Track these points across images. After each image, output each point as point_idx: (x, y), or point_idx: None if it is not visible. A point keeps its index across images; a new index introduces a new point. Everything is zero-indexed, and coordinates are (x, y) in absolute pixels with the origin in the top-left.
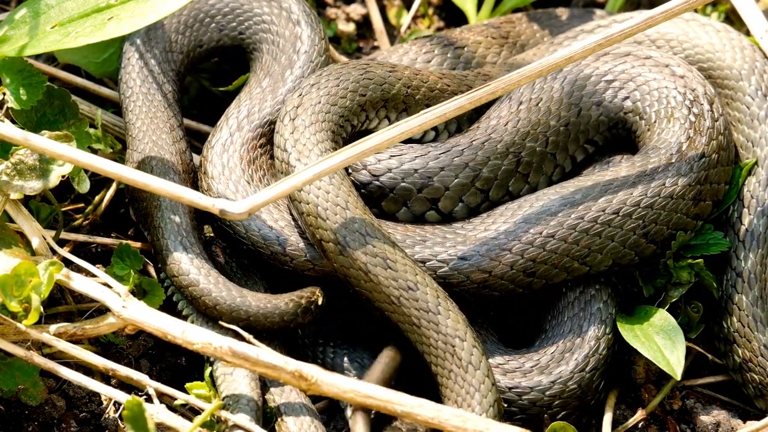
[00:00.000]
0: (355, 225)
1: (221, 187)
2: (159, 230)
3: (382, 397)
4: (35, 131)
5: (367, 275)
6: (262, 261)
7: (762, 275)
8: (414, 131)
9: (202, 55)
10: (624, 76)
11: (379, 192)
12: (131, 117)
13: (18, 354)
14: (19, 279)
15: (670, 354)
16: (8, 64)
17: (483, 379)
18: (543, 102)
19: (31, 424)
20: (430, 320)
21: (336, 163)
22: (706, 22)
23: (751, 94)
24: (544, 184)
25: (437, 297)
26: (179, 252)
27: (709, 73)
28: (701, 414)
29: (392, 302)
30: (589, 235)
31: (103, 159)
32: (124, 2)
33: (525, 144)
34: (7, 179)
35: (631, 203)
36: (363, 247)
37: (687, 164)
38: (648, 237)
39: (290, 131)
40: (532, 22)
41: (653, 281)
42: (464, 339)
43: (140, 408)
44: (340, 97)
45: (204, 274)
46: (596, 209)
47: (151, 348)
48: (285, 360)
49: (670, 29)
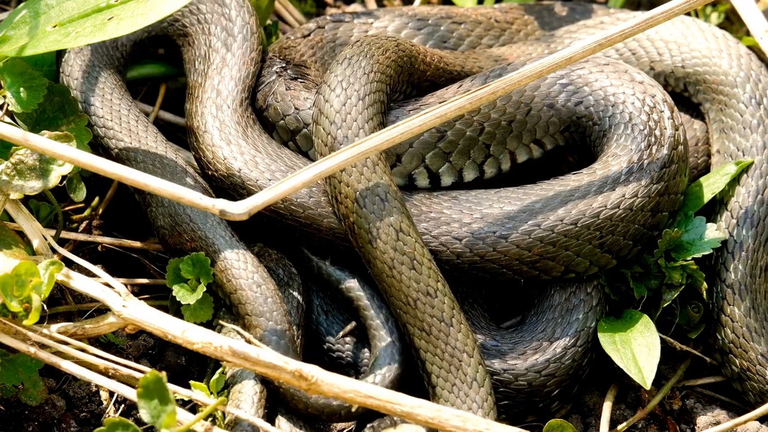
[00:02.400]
0: (391, 219)
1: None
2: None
3: (382, 397)
4: (35, 128)
5: (391, 270)
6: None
7: (752, 286)
8: (414, 131)
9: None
10: (579, 81)
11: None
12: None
13: (21, 349)
14: (19, 279)
15: (643, 362)
16: (9, 66)
17: (486, 397)
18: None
19: (31, 424)
20: (441, 330)
21: (337, 163)
22: (706, 28)
23: (745, 102)
24: (471, 170)
25: (453, 308)
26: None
27: (704, 78)
28: (701, 414)
29: (408, 303)
30: (543, 243)
31: (103, 159)
32: (124, 2)
33: (454, 124)
34: (7, 179)
35: (590, 215)
36: (394, 243)
37: (648, 175)
38: (603, 247)
39: (338, 108)
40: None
41: (646, 282)
42: (472, 355)
43: (159, 380)
44: (384, 71)
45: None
46: (554, 218)
47: (151, 348)
48: (285, 360)
49: (670, 31)
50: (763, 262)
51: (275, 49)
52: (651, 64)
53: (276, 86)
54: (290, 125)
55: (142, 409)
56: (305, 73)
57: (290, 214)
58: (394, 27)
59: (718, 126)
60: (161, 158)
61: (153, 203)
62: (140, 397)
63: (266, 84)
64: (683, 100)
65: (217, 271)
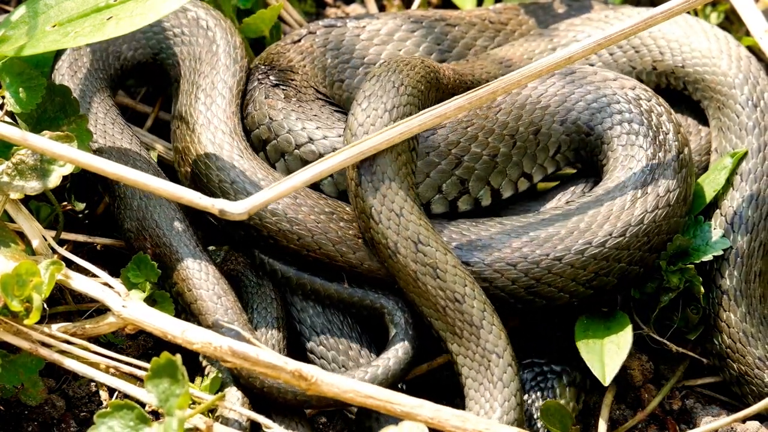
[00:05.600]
0: (407, 232)
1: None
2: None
3: (382, 397)
4: (36, 128)
5: (415, 282)
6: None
7: (747, 291)
8: (413, 131)
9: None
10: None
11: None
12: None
13: (23, 346)
14: (20, 279)
15: (609, 359)
16: (8, 65)
17: (509, 397)
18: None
19: (31, 424)
20: (472, 333)
21: (336, 163)
22: (709, 29)
23: (742, 104)
24: (487, 195)
25: (483, 311)
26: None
27: (703, 77)
28: (701, 414)
29: (438, 310)
30: (597, 260)
31: (103, 159)
32: (123, 2)
33: (470, 148)
34: (7, 179)
35: (635, 222)
36: (414, 255)
37: (670, 167)
38: (652, 250)
39: (361, 120)
40: (528, 15)
41: (642, 286)
42: (501, 356)
43: (172, 362)
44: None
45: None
46: (603, 233)
47: (150, 348)
48: (284, 360)
49: (672, 30)
50: (758, 267)
51: (263, 56)
52: (653, 63)
53: (256, 93)
54: (262, 135)
55: (150, 393)
56: (289, 79)
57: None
58: (388, 29)
59: (716, 124)
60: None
61: (121, 206)
62: (148, 381)
63: (248, 91)
64: (693, 106)
65: (178, 279)
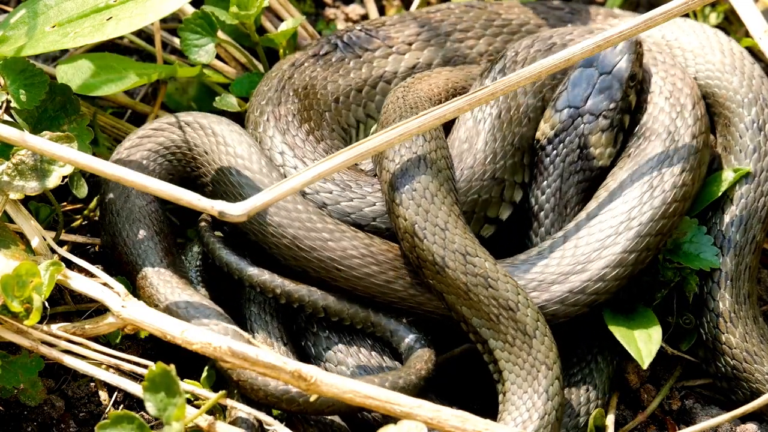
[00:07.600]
0: (454, 245)
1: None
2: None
3: (381, 397)
4: (36, 128)
5: (467, 294)
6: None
7: (740, 313)
8: (413, 132)
9: None
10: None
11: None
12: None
13: (24, 345)
14: (20, 279)
15: (643, 345)
16: (10, 64)
17: (551, 411)
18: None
19: (31, 424)
20: (524, 342)
21: (336, 163)
22: (726, 42)
23: (747, 124)
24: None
25: (537, 320)
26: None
27: (714, 91)
28: (701, 414)
29: (491, 320)
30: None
31: (102, 160)
32: (123, 2)
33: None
34: (7, 179)
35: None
36: (463, 267)
37: (685, 147)
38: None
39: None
40: None
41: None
42: (551, 368)
43: (167, 373)
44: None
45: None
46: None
47: (150, 348)
48: (284, 360)
49: (689, 40)
50: (746, 290)
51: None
52: None
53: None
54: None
55: (148, 402)
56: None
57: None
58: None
59: (721, 142)
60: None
61: (103, 222)
62: (146, 390)
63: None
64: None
65: (144, 297)
